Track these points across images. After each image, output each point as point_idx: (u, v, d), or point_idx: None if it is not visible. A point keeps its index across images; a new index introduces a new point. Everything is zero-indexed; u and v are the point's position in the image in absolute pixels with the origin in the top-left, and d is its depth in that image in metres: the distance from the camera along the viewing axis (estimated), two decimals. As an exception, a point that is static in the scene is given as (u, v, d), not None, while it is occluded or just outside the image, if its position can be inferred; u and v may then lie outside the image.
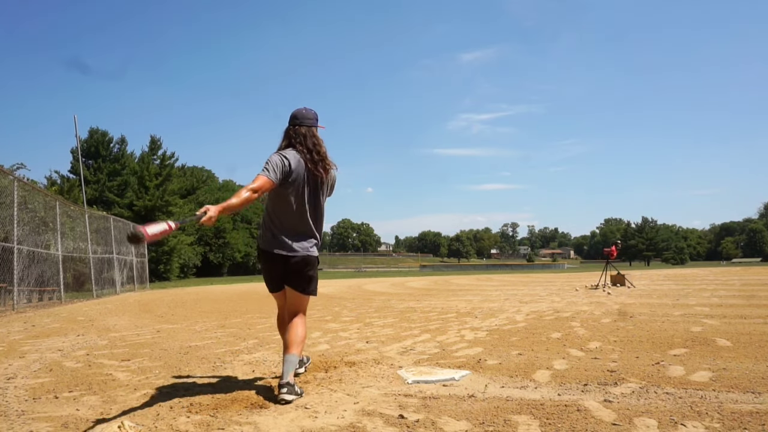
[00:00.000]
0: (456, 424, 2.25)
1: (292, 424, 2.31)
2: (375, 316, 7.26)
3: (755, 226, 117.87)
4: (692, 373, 3.10)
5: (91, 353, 4.49)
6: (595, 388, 2.79)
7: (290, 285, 2.96)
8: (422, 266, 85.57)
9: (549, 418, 2.29)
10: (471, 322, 6.06)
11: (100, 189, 34.95)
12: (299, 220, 2.91)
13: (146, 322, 7.31)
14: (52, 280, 12.29)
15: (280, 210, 2.90)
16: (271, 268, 2.97)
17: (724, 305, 7.36)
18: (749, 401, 2.48)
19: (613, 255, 13.77)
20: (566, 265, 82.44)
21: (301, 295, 2.98)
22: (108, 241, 16.87)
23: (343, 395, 2.78)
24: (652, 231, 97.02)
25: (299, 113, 3.00)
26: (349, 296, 12.44)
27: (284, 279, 2.97)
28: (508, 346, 4.25)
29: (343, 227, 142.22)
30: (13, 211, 9.94)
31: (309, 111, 3.02)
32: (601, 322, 5.70)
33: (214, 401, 2.70)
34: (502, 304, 8.79)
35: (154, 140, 37.58)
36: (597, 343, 4.26)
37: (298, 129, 2.95)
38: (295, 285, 2.95)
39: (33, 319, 8.20)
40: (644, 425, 2.16)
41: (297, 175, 2.86)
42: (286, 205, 2.88)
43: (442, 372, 3.24)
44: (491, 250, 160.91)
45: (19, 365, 3.97)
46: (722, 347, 3.94)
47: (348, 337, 5.07)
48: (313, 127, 2.99)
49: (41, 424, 2.39)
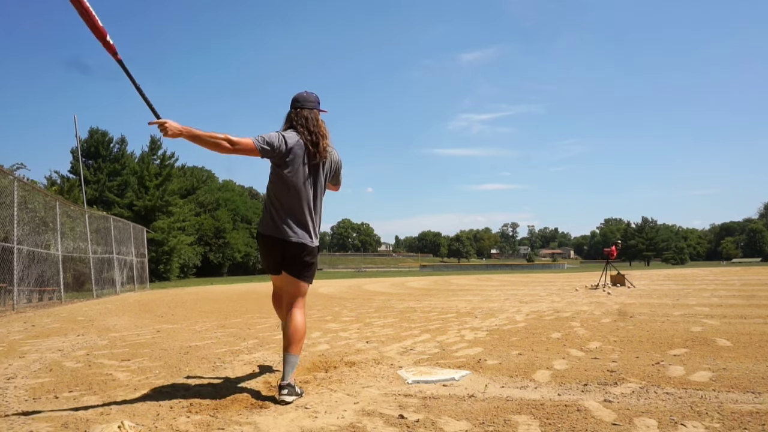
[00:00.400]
0: (456, 424, 2.25)
1: (292, 424, 2.31)
2: (375, 316, 7.26)
3: (755, 226, 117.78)
4: (692, 373, 3.10)
5: (91, 353, 4.49)
6: (595, 388, 2.79)
7: (287, 270, 2.91)
8: (422, 266, 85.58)
9: (549, 418, 2.29)
10: (471, 322, 6.06)
11: (100, 189, 34.97)
12: (298, 205, 2.87)
13: (146, 322, 7.31)
14: (52, 280, 12.29)
15: (281, 193, 2.87)
16: (269, 253, 2.93)
17: (724, 305, 7.36)
18: (749, 401, 2.48)
19: (613, 255, 13.77)
20: (566, 265, 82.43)
21: (297, 281, 2.91)
22: (108, 241, 16.88)
23: (343, 395, 2.78)
24: (652, 231, 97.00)
25: (300, 96, 2.98)
26: (349, 296, 12.44)
27: (282, 264, 2.92)
28: (508, 346, 4.25)
29: (343, 227, 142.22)
30: (13, 211, 9.94)
31: (311, 94, 3.00)
32: (601, 322, 5.70)
33: (214, 401, 2.70)
34: (502, 304, 8.79)
35: (154, 140, 37.63)
36: (597, 343, 4.26)
37: (299, 112, 2.93)
38: (291, 270, 2.90)
39: (33, 319, 8.20)
40: (644, 425, 2.16)
41: (295, 155, 2.82)
42: (285, 188, 2.85)
43: (442, 372, 3.24)
44: (491, 250, 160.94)
45: (19, 365, 3.97)
46: (722, 347, 3.94)
47: (348, 337, 5.07)
48: (315, 110, 2.97)
49: (41, 424, 2.39)
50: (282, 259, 2.90)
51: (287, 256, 2.88)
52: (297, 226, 2.86)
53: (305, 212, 2.88)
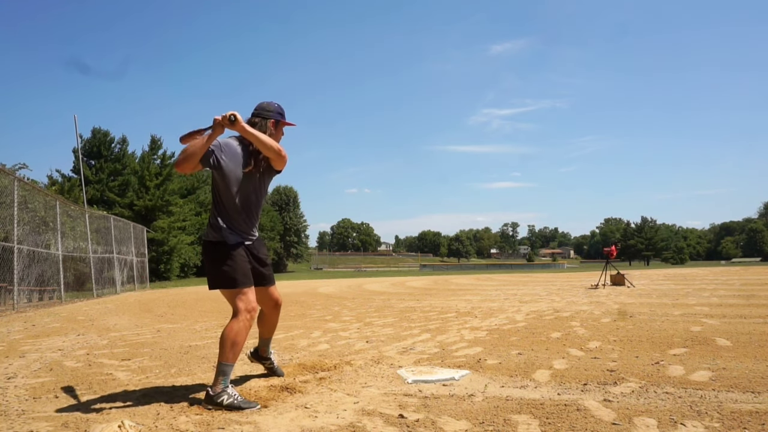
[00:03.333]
0: (456, 423, 2.25)
1: (292, 423, 2.31)
2: (375, 315, 7.26)
3: (755, 226, 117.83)
4: (692, 372, 3.10)
5: (91, 353, 4.49)
6: (594, 388, 2.79)
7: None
8: (422, 266, 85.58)
9: (549, 417, 2.30)
10: (471, 322, 6.06)
11: (101, 189, 34.94)
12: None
13: (146, 321, 7.32)
14: (52, 280, 12.29)
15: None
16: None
17: (723, 305, 7.36)
18: (749, 401, 2.48)
19: (612, 255, 13.78)
20: (566, 265, 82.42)
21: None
22: (108, 241, 16.88)
23: (343, 395, 2.79)
24: (651, 231, 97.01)
25: (260, 105, 2.99)
26: (349, 296, 12.44)
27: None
28: (507, 346, 4.25)
29: (343, 227, 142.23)
30: (14, 211, 9.94)
31: (270, 104, 3.00)
32: (601, 322, 5.71)
33: (214, 401, 2.70)
34: (502, 303, 8.79)
35: (155, 140, 37.63)
36: (597, 343, 4.26)
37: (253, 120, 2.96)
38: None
39: (33, 318, 8.20)
40: (644, 425, 2.17)
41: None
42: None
43: (442, 372, 3.25)
44: (491, 249, 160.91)
45: (19, 365, 3.97)
46: (722, 347, 3.94)
47: (348, 337, 5.07)
48: (270, 120, 2.95)
49: (41, 423, 2.39)
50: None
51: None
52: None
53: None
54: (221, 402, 2.56)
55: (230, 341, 2.67)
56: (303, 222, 74.07)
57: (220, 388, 2.61)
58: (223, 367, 2.65)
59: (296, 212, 72.78)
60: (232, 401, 2.57)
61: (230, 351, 2.66)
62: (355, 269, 78.67)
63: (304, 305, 9.55)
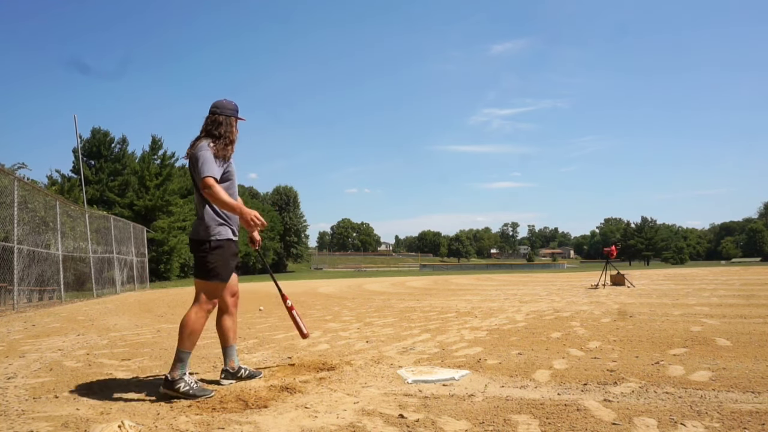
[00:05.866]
0: (456, 423, 2.25)
1: (292, 423, 2.31)
2: (375, 315, 7.26)
3: (755, 226, 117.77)
4: (692, 372, 3.10)
5: (91, 353, 4.49)
6: (594, 388, 2.79)
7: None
8: (422, 266, 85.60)
9: (549, 417, 2.30)
10: (471, 322, 6.06)
11: (101, 189, 34.95)
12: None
13: (146, 321, 7.32)
14: (52, 280, 12.29)
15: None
16: (234, 256, 3.21)
17: (723, 305, 7.36)
18: (749, 401, 2.48)
19: (612, 255, 13.78)
20: (566, 265, 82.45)
21: (196, 279, 3.00)
22: (108, 241, 16.88)
23: (343, 395, 2.79)
24: (651, 231, 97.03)
25: (219, 103, 3.13)
26: (349, 296, 12.45)
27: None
28: (508, 346, 4.25)
29: (343, 227, 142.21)
30: (14, 211, 9.94)
31: (230, 102, 3.16)
32: (601, 322, 5.71)
33: (214, 401, 2.70)
34: (502, 303, 8.79)
35: (155, 140, 37.67)
36: (597, 343, 4.26)
37: (216, 117, 3.10)
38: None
39: (33, 318, 8.20)
40: (644, 425, 2.17)
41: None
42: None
43: (442, 372, 3.25)
44: (491, 249, 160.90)
45: (19, 365, 3.97)
46: (722, 347, 3.94)
47: (348, 337, 5.07)
48: (232, 117, 3.13)
49: (41, 423, 2.39)
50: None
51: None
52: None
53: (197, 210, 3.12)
54: (178, 389, 2.73)
55: (189, 329, 2.84)
56: (303, 222, 74.17)
57: (178, 374, 2.77)
58: (181, 354, 2.82)
59: (296, 212, 72.85)
60: (188, 389, 2.74)
61: (188, 339, 2.84)
62: (355, 269, 78.72)
63: (304, 305, 9.55)
